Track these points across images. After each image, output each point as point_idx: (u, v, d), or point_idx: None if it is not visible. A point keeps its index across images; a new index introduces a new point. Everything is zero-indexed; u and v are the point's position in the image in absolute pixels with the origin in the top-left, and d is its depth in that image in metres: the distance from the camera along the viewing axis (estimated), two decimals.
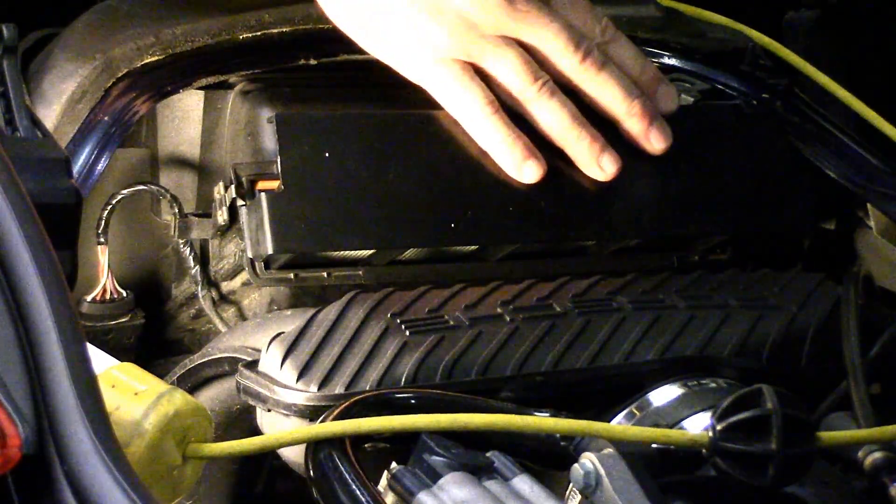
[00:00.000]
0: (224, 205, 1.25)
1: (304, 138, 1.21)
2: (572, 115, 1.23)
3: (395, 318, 1.15)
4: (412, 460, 1.01)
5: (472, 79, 1.22)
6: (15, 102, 1.05)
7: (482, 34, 1.22)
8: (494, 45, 1.22)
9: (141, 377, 0.98)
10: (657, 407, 1.13)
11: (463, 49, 1.22)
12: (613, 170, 1.24)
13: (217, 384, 1.24)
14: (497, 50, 1.22)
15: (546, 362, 1.14)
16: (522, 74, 1.22)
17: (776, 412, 1.01)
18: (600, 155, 1.24)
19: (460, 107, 1.22)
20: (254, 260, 1.21)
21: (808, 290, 1.27)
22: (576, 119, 1.24)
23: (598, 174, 1.25)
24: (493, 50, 1.22)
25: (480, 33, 1.22)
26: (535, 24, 1.22)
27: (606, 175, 1.25)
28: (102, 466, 0.79)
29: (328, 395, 1.09)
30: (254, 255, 1.20)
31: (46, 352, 0.82)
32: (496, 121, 1.22)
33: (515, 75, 1.22)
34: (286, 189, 1.19)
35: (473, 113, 1.22)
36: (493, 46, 1.22)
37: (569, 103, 1.24)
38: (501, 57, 1.22)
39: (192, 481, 0.98)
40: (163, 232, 1.38)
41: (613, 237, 1.28)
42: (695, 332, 1.20)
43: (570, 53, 1.23)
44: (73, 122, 1.25)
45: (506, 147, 1.22)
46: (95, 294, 1.32)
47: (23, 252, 0.84)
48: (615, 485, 1.00)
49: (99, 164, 1.26)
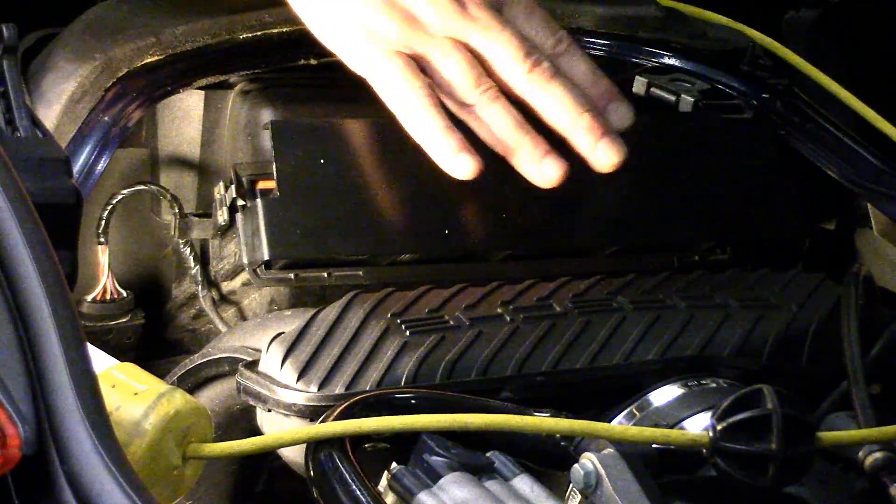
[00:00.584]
0: (224, 205, 1.25)
1: (300, 145, 1.22)
2: (515, 120, 1.21)
3: (395, 318, 1.15)
4: (412, 460, 1.01)
5: (414, 72, 1.20)
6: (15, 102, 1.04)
7: (431, 33, 1.21)
8: (441, 44, 1.20)
9: (141, 377, 0.98)
10: (657, 407, 1.13)
11: (409, 44, 1.20)
12: (556, 175, 1.20)
13: (217, 384, 1.24)
14: (443, 49, 1.20)
15: (546, 362, 1.14)
16: (467, 77, 1.20)
17: (776, 412, 1.01)
18: (542, 159, 1.20)
19: (399, 97, 1.20)
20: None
21: (808, 290, 1.27)
22: (518, 124, 1.21)
23: (541, 180, 1.21)
24: (440, 49, 1.20)
25: (429, 32, 1.21)
26: (486, 29, 1.21)
27: (549, 181, 1.20)
28: (102, 466, 0.79)
29: (328, 395, 1.09)
30: (249, 261, 1.21)
31: (46, 352, 0.82)
32: (433, 112, 1.19)
33: (460, 76, 1.20)
34: (282, 195, 1.20)
35: (411, 103, 1.19)
36: (440, 46, 1.20)
37: (512, 109, 1.21)
38: (446, 56, 1.20)
39: (192, 481, 0.98)
40: (163, 232, 1.38)
41: (601, 246, 1.28)
42: (695, 332, 1.20)
43: (520, 62, 1.20)
44: (73, 122, 1.25)
45: (440, 138, 1.19)
46: (95, 294, 1.32)
47: (23, 252, 0.84)
48: (615, 485, 1.00)
49: (99, 164, 1.26)
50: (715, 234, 1.32)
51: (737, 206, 1.34)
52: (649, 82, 1.36)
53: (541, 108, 1.22)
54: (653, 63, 1.40)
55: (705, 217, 1.32)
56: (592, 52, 1.40)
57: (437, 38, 1.21)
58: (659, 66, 1.40)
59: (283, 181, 1.20)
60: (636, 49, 1.42)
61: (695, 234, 1.32)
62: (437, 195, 1.23)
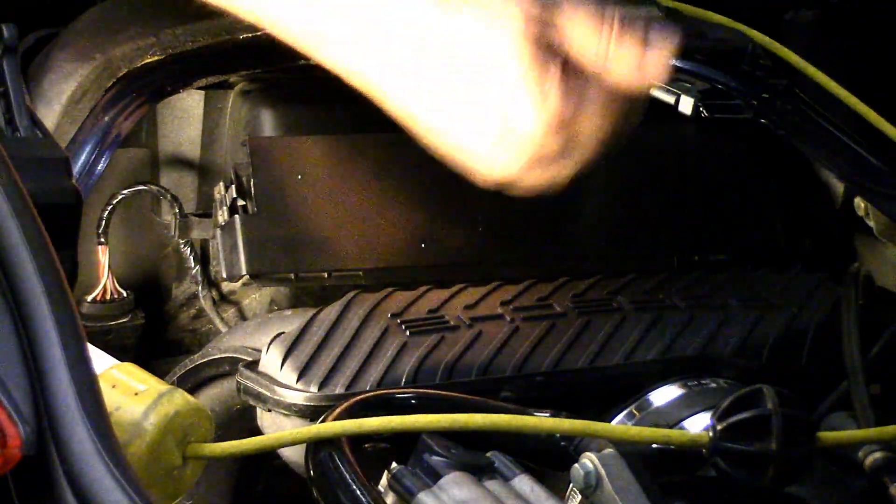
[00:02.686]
0: (224, 205, 1.25)
1: (277, 161, 1.23)
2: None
3: (395, 318, 1.15)
4: (412, 460, 1.01)
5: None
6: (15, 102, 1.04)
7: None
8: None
9: (141, 377, 0.98)
10: (657, 407, 1.13)
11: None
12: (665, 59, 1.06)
13: (217, 384, 1.24)
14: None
15: (546, 362, 1.14)
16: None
17: (776, 412, 1.01)
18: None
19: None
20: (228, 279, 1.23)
21: (808, 290, 1.27)
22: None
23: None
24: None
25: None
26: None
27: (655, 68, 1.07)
28: (102, 466, 0.79)
29: (328, 395, 1.09)
30: (228, 276, 1.22)
31: (46, 352, 0.82)
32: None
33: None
34: (259, 211, 1.21)
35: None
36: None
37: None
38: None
39: (192, 481, 0.98)
40: (163, 232, 1.38)
41: (580, 256, 1.29)
42: (695, 332, 1.20)
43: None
44: (73, 122, 1.25)
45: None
46: (96, 294, 1.32)
47: (23, 252, 0.84)
48: (615, 485, 1.00)
49: (99, 164, 1.26)
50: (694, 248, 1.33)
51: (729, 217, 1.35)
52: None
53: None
54: None
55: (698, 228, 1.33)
56: None
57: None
58: None
59: (260, 197, 1.22)
60: None
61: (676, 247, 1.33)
62: (414, 208, 1.24)
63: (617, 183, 1.33)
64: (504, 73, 1.04)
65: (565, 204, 1.30)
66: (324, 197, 1.23)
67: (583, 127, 1.07)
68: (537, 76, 1.04)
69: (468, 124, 1.06)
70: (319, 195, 1.23)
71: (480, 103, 1.05)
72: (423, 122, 1.08)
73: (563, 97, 1.05)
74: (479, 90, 1.05)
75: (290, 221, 1.22)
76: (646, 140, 1.36)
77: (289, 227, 1.22)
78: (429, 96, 1.07)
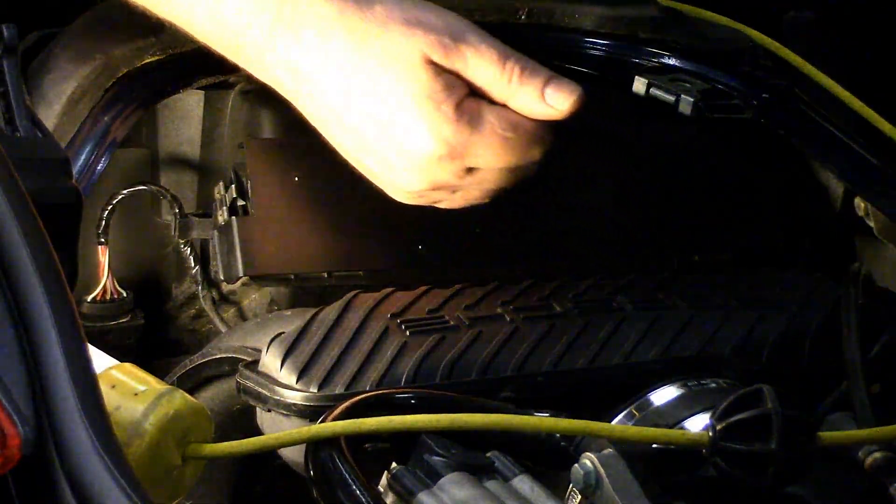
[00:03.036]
0: (224, 205, 1.25)
1: (275, 163, 1.23)
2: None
3: (395, 318, 1.15)
4: (412, 460, 1.01)
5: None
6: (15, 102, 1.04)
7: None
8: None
9: (141, 377, 0.98)
10: (657, 407, 1.13)
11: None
12: (568, 102, 1.13)
13: (217, 384, 1.24)
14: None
15: (546, 362, 1.14)
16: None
17: (776, 412, 1.01)
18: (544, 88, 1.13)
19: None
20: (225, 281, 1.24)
21: (808, 290, 1.27)
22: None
23: (548, 111, 1.13)
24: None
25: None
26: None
27: (560, 109, 1.13)
28: (102, 466, 0.79)
29: (328, 395, 1.09)
30: (226, 278, 1.22)
31: (46, 352, 0.82)
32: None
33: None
34: (256, 213, 1.21)
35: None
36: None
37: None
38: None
39: (192, 481, 0.98)
40: (163, 232, 1.38)
41: (577, 257, 1.29)
42: (695, 332, 1.20)
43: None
44: (73, 122, 1.25)
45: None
46: (96, 294, 1.32)
47: (23, 252, 0.84)
48: (615, 485, 1.00)
49: (99, 164, 1.26)
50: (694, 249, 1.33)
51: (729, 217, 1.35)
52: (649, 82, 1.36)
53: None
54: (653, 63, 1.40)
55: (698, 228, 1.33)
56: (592, 52, 1.40)
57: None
58: (659, 66, 1.40)
59: (258, 199, 1.22)
60: (636, 49, 1.42)
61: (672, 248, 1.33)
62: (413, 209, 1.24)
63: (617, 183, 1.33)
64: (400, 99, 1.10)
65: (565, 204, 1.30)
66: (322, 198, 1.23)
67: (481, 156, 1.09)
68: (433, 105, 1.09)
69: (369, 146, 1.12)
70: (318, 196, 1.23)
71: (379, 127, 1.11)
72: (332, 140, 1.14)
73: (459, 126, 1.10)
74: (377, 115, 1.10)
75: (288, 223, 1.22)
76: (646, 140, 1.36)
77: (287, 229, 1.22)
78: (334, 117, 1.12)
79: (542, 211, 1.29)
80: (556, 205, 1.29)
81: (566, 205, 1.30)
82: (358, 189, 1.24)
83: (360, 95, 1.10)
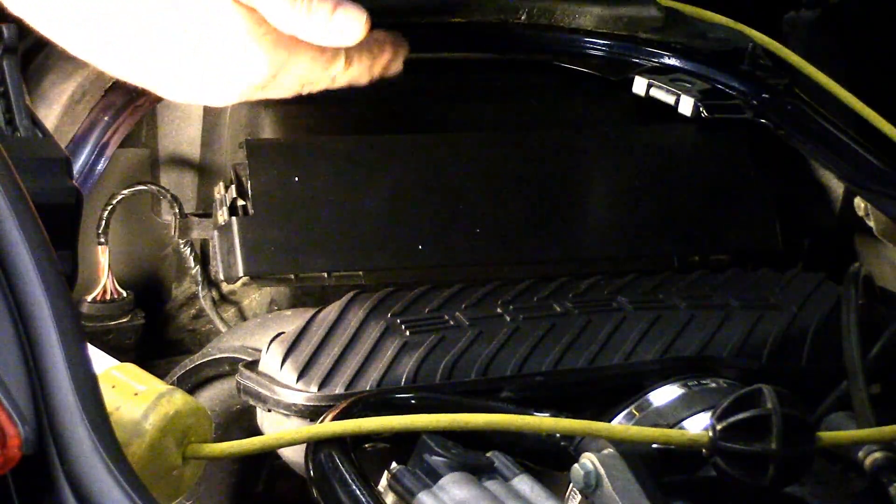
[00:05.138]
0: (224, 205, 1.25)
1: (274, 163, 1.23)
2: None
3: (395, 318, 1.15)
4: (412, 460, 1.01)
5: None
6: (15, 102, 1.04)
7: None
8: None
9: (141, 377, 0.98)
10: (657, 407, 1.13)
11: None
12: (356, 28, 1.12)
13: (217, 384, 1.24)
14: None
15: (546, 362, 1.14)
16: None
17: (776, 412, 1.01)
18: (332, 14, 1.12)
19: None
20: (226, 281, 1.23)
21: (808, 290, 1.27)
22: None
23: (338, 38, 1.12)
24: None
25: None
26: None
27: (348, 35, 1.12)
28: (102, 466, 0.79)
29: (328, 395, 1.09)
30: (225, 278, 1.22)
31: (46, 352, 0.82)
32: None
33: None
34: (256, 213, 1.21)
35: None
36: None
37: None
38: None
39: (192, 481, 0.98)
40: (163, 232, 1.38)
41: (578, 257, 1.29)
42: (695, 332, 1.20)
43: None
44: (73, 122, 1.25)
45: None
46: (96, 294, 1.32)
47: (23, 252, 0.84)
48: (615, 485, 1.00)
49: (99, 164, 1.26)
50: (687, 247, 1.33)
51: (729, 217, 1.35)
52: (649, 82, 1.36)
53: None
54: (653, 63, 1.40)
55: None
56: (592, 52, 1.40)
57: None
58: (659, 66, 1.40)
59: (258, 199, 1.22)
60: (636, 49, 1.42)
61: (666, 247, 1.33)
62: (410, 210, 1.24)
63: (617, 183, 1.33)
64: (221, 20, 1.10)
65: (565, 204, 1.30)
66: (322, 198, 1.23)
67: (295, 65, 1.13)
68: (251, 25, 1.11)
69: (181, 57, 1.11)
70: (318, 196, 1.23)
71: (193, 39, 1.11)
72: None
73: (275, 42, 1.11)
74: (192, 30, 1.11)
75: (288, 223, 1.22)
76: (646, 140, 1.36)
77: (287, 229, 1.22)
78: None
79: (542, 211, 1.29)
80: (557, 205, 1.29)
81: (566, 205, 1.30)
82: (358, 189, 1.25)
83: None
